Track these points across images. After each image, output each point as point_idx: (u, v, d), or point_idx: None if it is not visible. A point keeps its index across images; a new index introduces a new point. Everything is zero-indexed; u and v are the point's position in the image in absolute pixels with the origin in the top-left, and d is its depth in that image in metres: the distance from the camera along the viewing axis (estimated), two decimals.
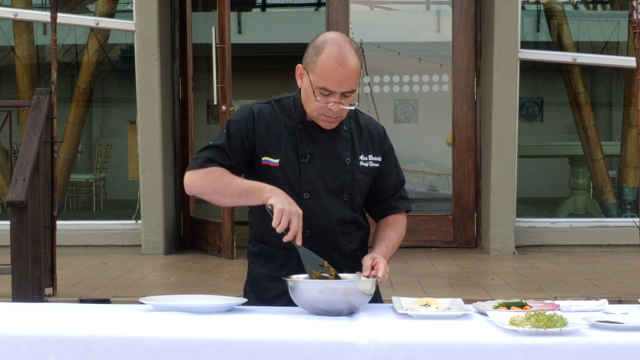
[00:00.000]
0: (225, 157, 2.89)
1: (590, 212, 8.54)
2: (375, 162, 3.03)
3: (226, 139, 2.91)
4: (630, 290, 5.60)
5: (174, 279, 6.24)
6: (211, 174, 2.85)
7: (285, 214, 2.67)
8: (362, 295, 2.62)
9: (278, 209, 2.68)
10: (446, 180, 8.68)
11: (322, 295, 2.58)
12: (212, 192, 2.86)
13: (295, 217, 2.69)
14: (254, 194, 2.78)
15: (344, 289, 2.60)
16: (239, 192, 2.81)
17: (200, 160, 2.88)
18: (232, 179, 2.84)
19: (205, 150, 2.91)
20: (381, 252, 2.92)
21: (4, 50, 9.13)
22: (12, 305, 2.95)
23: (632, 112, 8.34)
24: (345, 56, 2.81)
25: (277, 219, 2.67)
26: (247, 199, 2.80)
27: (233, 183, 2.83)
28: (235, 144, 2.91)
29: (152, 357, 2.32)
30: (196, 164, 2.89)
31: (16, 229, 5.00)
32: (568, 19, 8.52)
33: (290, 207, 2.70)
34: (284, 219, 2.67)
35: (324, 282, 2.65)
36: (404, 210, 3.11)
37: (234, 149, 2.90)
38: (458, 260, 7.09)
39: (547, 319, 2.36)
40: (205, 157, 2.88)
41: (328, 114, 2.87)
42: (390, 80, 8.76)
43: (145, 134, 7.50)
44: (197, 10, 9.86)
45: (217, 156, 2.89)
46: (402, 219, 3.11)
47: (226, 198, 2.84)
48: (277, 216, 2.68)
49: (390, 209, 3.09)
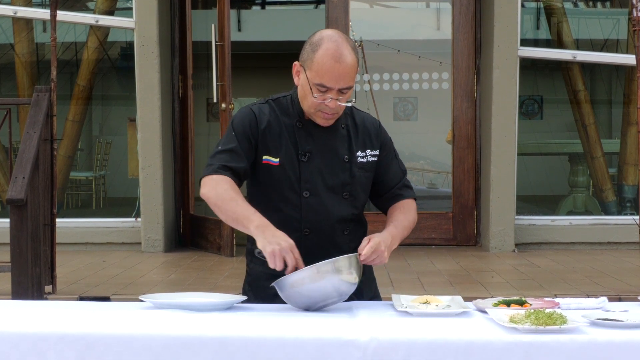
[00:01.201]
0: (239, 160, 2.90)
1: (590, 210, 8.54)
2: (373, 155, 3.03)
3: (237, 141, 2.91)
4: (629, 287, 5.60)
5: (174, 276, 6.24)
6: (218, 187, 2.86)
7: (277, 257, 2.67)
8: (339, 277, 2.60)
9: (268, 252, 2.68)
10: (446, 177, 8.68)
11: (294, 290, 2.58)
12: (213, 205, 2.88)
13: (288, 254, 2.68)
14: (242, 224, 2.79)
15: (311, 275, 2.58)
16: (232, 217, 2.82)
17: (215, 167, 2.89)
18: (231, 200, 2.83)
19: (218, 154, 2.92)
20: (388, 232, 2.89)
21: (4, 48, 9.13)
22: (11, 303, 2.96)
23: (631, 110, 8.33)
24: (342, 52, 2.82)
25: (272, 263, 2.68)
26: (237, 226, 2.83)
27: (229, 205, 2.82)
28: (244, 144, 2.92)
29: (151, 354, 2.32)
30: (209, 170, 2.90)
31: (16, 226, 5.00)
32: (568, 17, 8.52)
33: (280, 245, 2.68)
34: (278, 261, 2.67)
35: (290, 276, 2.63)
36: (410, 197, 3.09)
37: (245, 149, 2.91)
38: (458, 257, 7.10)
39: (546, 317, 2.36)
40: (219, 164, 2.89)
41: (325, 110, 2.88)
42: (390, 77, 8.75)
43: (145, 132, 7.50)
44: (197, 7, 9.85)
45: (231, 160, 2.89)
46: (411, 204, 3.08)
47: (222, 215, 2.86)
48: (270, 261, 2.68)
49: (395, 198, 3.07)
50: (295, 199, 2.90)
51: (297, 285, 2.59)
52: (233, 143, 2.91)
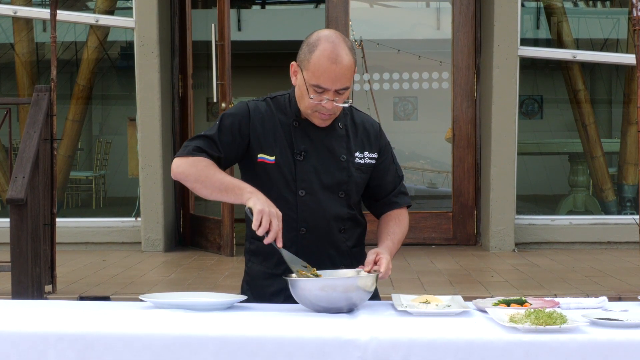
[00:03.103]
0: (214, 148, 2.90)
1: (590, 210, 8.54)
2: (371, 158, 3.03)
3: (217, 131, 2.92)
4: (629, 287, 5.60)
5: (174, 276, 6.24)
6: (197, 163, 2.86)
7: (265, 216, 2.67)
8: (362, 292, 2.62)
9: (258, 210, 2.68)
10: (446, 177, 8.68)
11: (322, 293, 2.58)
12: (194, 181, 2.86)
13: (275, 219, 2.68)
14: (233, 192, 2.79)
15: (344, 285, 2.60)
16: (220, 187, 2.81)
17: (190, 149, 2.89)
18: (215, 172, 2.84)
19: (195, 139, 2.93)
20: (387, 247, 2.91)
21: (4, 48, 9.13)
22: (11, 303, 2.96)
23: (631, 110, 8.33)
24: (339, 54, 2.81)
25: (257, 221, 2.67)
26: (226, 195, 2.81)
27: (216, 176, 2.83)
28: (226, 137, 2.91)
29: (151, 354, 2.32)
30: (185, 151, 2.90)
31: (16, 226, 5.00)
32: (568, 16, 8.52)
33: (270, 208, 2.69)
34: (264, 221, 2.66)
35: (324, 280, 2.66)
36: (404, 206, 3.11)
37: (224, 141, 2.91)
38: (458, 257, 7.10)
39: (546, 316, 2.36)
40: (194, 146, 2.90)
41: (322, 111, 2.88)
42: (390, 77, 8.75)
43: (145, 132, 7.50)
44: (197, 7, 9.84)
45: (206, 146, 2.90)
46: (404, 213, 3.10)
47: (207, 189, 2.84)
48: (256, 218, 2.67)
49: (390, 205, 3.08)
50: (291, 198, 2.90)
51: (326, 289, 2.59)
52: (213, 131, 2.92)
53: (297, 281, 2.62)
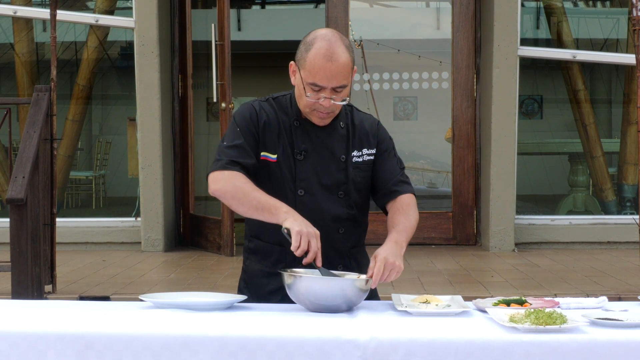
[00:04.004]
0: (247, 156, 2.89)
1: (590, 210, 8.54)
2: (369, 154, 3.02)
3: (243, 137, 2.91)
4: (629, 287, 5.60)
5: (174, 276, 6.24)
6: (234, 180, 2.85)
7: (303, 237, 2.67)
8: (359, 291, 2.62)
9: (296, 231, 2.68)
10: (446, 177, 8.68)
11: (318, 292, 2.58)
12: (231, 198, 2.86)
13: (314, 239, 2.68)
14: (269, 211, 2.78)
15: (341, 286, 2.60)
16: (256, 206, 2.80)
17: (224, 162, 2.88)
18: (253, 190, 2.83)
19: (227, 150, 2.90)
20: (393, 240, 2.83)
21: (4, 48, 9.12)
22: (11, 302, 2.95)
23: (631, 109, 8.33)
24: (335, 51, 2.81)
25: (297, 242, 2.67)
26: (262, 214, 2.80)
27: (252, 194, 2.82)
28: (250, 139, 2.92)
29: (151, 354, 2.32)
30: (219, 165, 2.88)
31: (16, 226, 5.00)
32: (568, 16, 8.52)
33: (308, 228, 2.70)
34: (303, 241, 2.66)
35: (320, 279, 2.65)
36: (406, 193, 3.04)
37: (251, 144, 2.91)
38: (457, 257, 7.09)
39: (546, 316, 2.36)
40: (228, 159, 2.88)
41: (320, 109, 2.88)
42: (389, 77, 8.75)
43: (145, 131, 7.50)
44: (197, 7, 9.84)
45: (239, 156, 2.88)
46: (408, 200, 3.02)
47: (244, 207, 2.83)
48: (295, 239, 2.67)
49: (390, 194, 3.02)
50: (290, 197, 2.90)
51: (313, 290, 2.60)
52: (239, 139, 2.91)
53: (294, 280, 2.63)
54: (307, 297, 2.61)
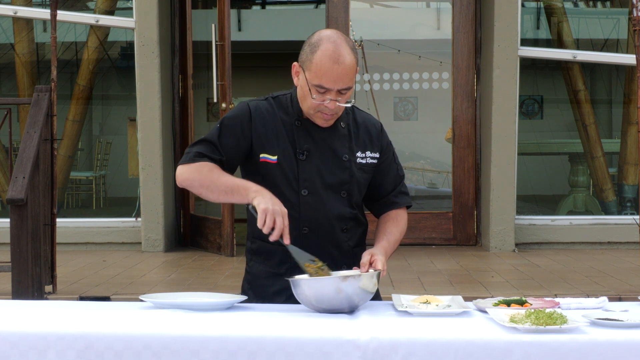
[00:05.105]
0: (215, 152, 2.91)
1: (590, 210, 8.54)
2: (373, 158, 3.03)
3: (218, 135, 2.93)
4: (630, 287, 5.60)
5: (174, 276, 6.24)
6: (201, 169, 2.87)
7: (269, 214, 2.68)
8: (364, 293, 2.62)
9: (261, 208, 2.69)
10: (446, 177, 8.68)
11: (325, 293, 2.58)
12: (199, 186, 2.88)
13: (280, 216, 2.69)
14: (239, 192, 2.80)
15: (346, 287, 2.59)
16: (225, 189, 2.82)
17: (191, 155, 2.91)
18: (220, 175, 2.85)
19: (196, 144, 2.94)
20: (382, 247, 2.92)
21: (4, 48, 9.13)
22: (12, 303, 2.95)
23: (632, 110, 8.33)
24: (341, 53, 2.81)
25: (262, 219, 2.68)
26: (232, 196, 2.82)
27: (221, 179, 2.84)
28: (227, 139, 2.92)
29: (151, 354, 2.32)
30: (187, 158, 2.91)
31: (16, 226, 5.00)
32: (568, 16, 8.52)
33: (274, 206, 2.70)
34: (268, 219, 2.68)
35: (326, 280, 2.65)
36: (404, 206, 3.11)
37: (225, 144, 2.92)
38: (458, 257, 7.10)
39: (547, 317, 2.36)
40: (195, 152, 2.91)
41: (324, 111, 2.88)
42: (390, 77, 8.75)
43: (145, 132, 7.50)
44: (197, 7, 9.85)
45: (207, 150, 2.91)
46: (403, 214, 3.11)
47: (213, 193, 2.86)
48: (261, 216, 2.69)
49: (390, 205, 3.09)
50: (293, 198, 2.90)
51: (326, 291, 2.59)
52: (214, 136, 2.93)
53: (300, 281, 2.62)
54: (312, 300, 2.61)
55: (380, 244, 2.95)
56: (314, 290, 2.59)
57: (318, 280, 2.65)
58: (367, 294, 2.64)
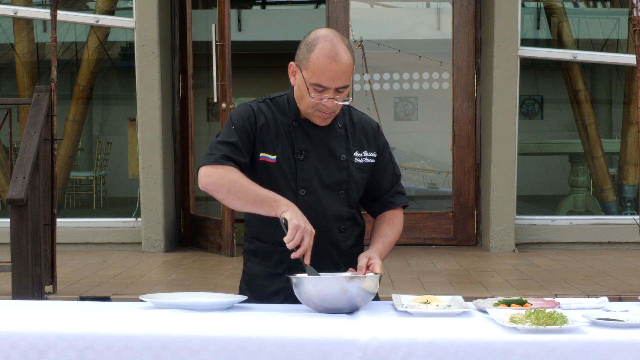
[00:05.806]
0: (240, 154, 2.88)
1: (590, 210, 8.54)
2: (370, 158, 3.04)
3: (238, 136, 2.90)
4: (630, 287, 5.60)
5: (174, 276, 6.24)
6: (230, 174, 2.83)
7: (299, 231, 2.68)
8: (367, 294, 2.63)
9: (294, 224, 2.68)
10: (446, 177, 8.68)
11: (329, 293, 2.58)
12: (227, 192, 2.83)
13: (309, 235, 2.70)
14: (269, 204, 2.77)
15: (351, 287, 2.59)
16: (255, 199, 2.79)
17: (217, 156, 2.85)
18: (250, 184, 2.82)
19: (220, 145, 2.88)
20: (377, 250, 2.94)
21: (4, 48, 9.13)
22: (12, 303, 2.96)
23: (632, 110, 8.33)
24: (338, 52, 2.82)
25: (292, 235, 2.68)
26: (261, 207, 2.79)
27: (250, 188, 2.81)
28: (244, 139, 2.91)
29: (152, 354, 2.32)
30: (211, 159, 2.86)
31: (16, 226, 5.00)
32: (568, 17, 8.52)
33: (306, 225, 2.71)
34: (297, 236, 2.68)
35: (332, 279, 2.65)
36: (401, 206, 3.12)
37: (245, 144, 2.90)
38: (458, 257, 7.09)
39: (547, 317, 2.36)
40: (221, 154, 2.86)
41: (322, 110, 2.89)
42: (390, 77, 8.75)
43: (145, 132, 7.50)
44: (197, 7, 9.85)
45: (232, 153, 2.87)
46: (399, 214, 3.11)
47: (240, 201, 2.82)
48: (291, 232, 2.68)
49: (387, 205, 3.10)
50: (291, 197, 2.90)
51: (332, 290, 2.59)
52: (233, 137, 2.89)
53: (301, 280, 2.62)
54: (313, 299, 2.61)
55: (376, 247, 2.96)
56: (319, 289, 2.59)
57: (323, 279, 2.65)
58: (369, 296, 2.65)
